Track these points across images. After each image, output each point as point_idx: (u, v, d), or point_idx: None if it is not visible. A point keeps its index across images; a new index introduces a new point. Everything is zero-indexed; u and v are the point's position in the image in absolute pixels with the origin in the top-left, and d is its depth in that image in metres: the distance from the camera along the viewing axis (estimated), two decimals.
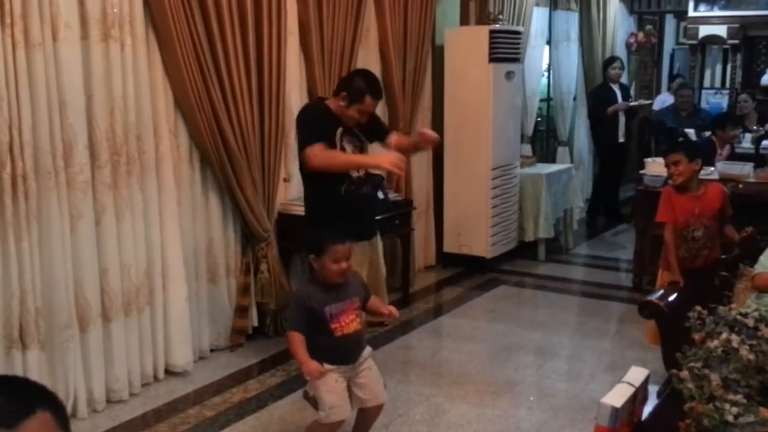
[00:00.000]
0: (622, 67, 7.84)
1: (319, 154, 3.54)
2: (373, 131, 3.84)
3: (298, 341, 3.01)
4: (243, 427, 3.58)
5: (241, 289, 4.49)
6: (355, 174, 3.70)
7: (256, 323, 4.59)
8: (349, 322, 3.08)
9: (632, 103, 7.79)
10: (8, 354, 3.30)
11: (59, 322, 3.47)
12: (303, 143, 3.60)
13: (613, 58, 7.94)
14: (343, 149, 3.66)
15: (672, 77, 9.67)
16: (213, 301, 4.42)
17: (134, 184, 3.81)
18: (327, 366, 3.02)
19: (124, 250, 3.79)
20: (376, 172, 3.84)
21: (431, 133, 3.91)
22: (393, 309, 3.27)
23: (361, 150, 3.78)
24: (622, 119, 7.59)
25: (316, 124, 3.62)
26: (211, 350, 4.42)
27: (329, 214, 3.64)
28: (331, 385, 3.05)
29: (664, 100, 8.73)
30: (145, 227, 3.91)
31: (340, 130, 3.65)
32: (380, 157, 3.68)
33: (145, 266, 3.92)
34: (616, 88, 7.64)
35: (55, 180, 3.41)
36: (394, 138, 3.86)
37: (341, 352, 3.08)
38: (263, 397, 3.88)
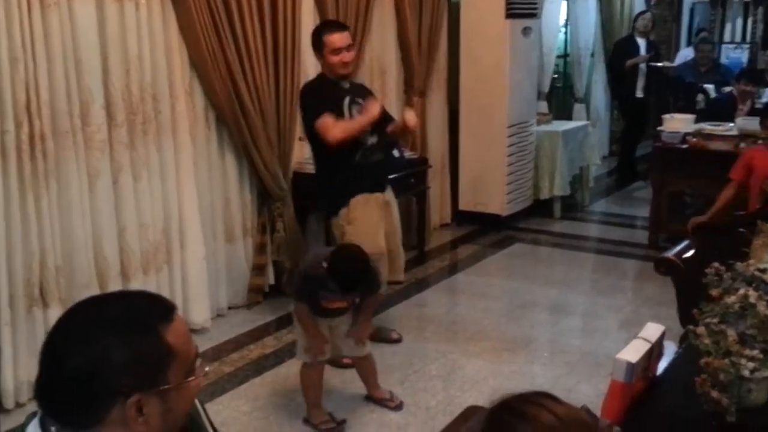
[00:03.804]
0: (651, 19, 7.67)
1: (333, 127, 3.56)
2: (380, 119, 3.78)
3: (302, 311, 3.13)
4: (261, 383, 3.64)
5: (257, 247, 4.53)
6: (370, 141, 3.72)
7: (272, 281, 4.63)
8: (337, 305, 3.15)
9: (658, 64, 7.61)
10: (29, 312, 3.36)
11: (79, 281, 3.52)
12: (310, 120, 3.64)
13: (643, 11, 7.78)
14: (353, 117, 3.68)
15: (697, 32, 9.49)
16: (230, 259, 4.46)
17: (151, 143, 3.83)
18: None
19: (141, 209, 3.82)
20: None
21: (412, 119, 3.75)
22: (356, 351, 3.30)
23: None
24: (642, 75, 7.45)
25: (316, 99, 3.65)
26: (229, 308, 4.47)
27: (342, 180, 3.70)
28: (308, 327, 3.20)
29: (686, 54, 8.56)
30: (162, 187, 3.94)
31: (347, 100, 3.68)
32: (367, 114, 3.63)
33: (163, 225, 3.96)
34: (641, 41, 7.46)
35: (72, 139, 3.43)
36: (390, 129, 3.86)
37: (323, 314, 3.18)
38: (281, 354, 3.93)
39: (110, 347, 1.15)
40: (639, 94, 7.48)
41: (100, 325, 1.18)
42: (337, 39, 3.64)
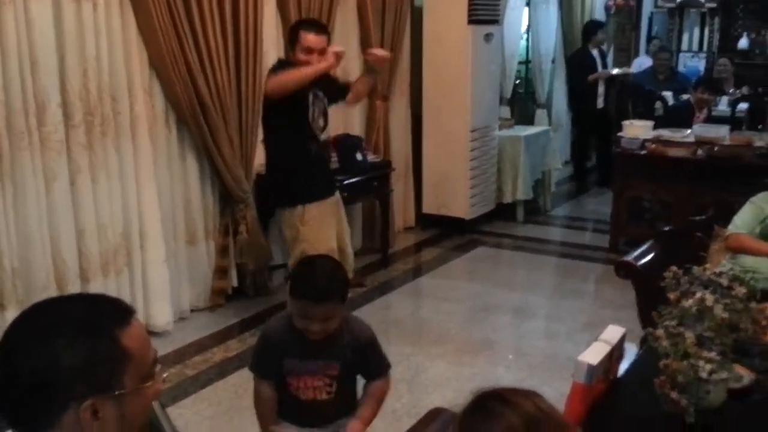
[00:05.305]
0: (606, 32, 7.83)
1: (272, 80, 3.54)
2: (334, 93, 3.86)
3: (263, 399, 2.29)
4: (224, 386, 3.60)
5: (220, 250, 4.49)
6: (322, 137, 3.79)
7: (235, 284, 4.60)
8: (311, 387, 2.25)
9: (614, 72, 7.77)
10: None
11: (37, 283, 3.45)
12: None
13: (601, 23, 7.89)
14: (314, 111, 3.71)
15: (649, 39, 9.67)
16: (192, 262, 4.41)
17: (109, 144, 3.77)
18: (285, 426, 2.31)
19: (100, 211, 3.76)
20: (355, 134, 3.84)
21: (379, 51, 3.87)
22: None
23: (324, 112, 3.81)
24: (601, 85, 7.58)
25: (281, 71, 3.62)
26: (191, 310, 4.42)
27: (299, 175, 3.70)
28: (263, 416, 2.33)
29: (641, 62, 8.72)
30: (122, 188, 3.88)
31: (311, 94, 3.67)
32: (321, 64, 3.56)
33: (122, 227, 3.90)
34: (595, 53, 7.60)
35: (28, 140, 3.36)
36: (354, 89, 3.93)
37: (299, 415, 2.30)
38: (244, 357, 3.88)
39: (63, 350, 1.13)
40: (600, 104, 7.61)
41: (54, 328, 1.16)
42: (313, 40, 3.56)
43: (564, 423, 1.22)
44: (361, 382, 2.37)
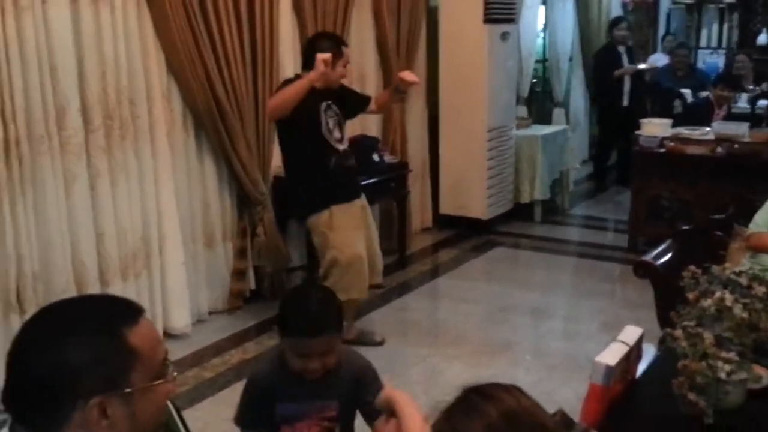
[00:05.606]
0: (628, 28, 7.69)
1: (269, 102, 3.65)
2: (352, 105, 3.90)
3: None
4: (241, 389, 3.61)
5: (238, 252, 4.51)
6: (341, 147, 3.77)
7: (253, 286, 4.62)
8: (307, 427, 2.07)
9: (640, 66, 7.66)
10: (6, 318, 3.32)
11: (57, 286, 3.48)
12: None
13: (619, 19, 7.81)
14: (327, 123, 3.71)
15: (663, 37, 9.59)
16: (210, 264, 4.43)
17: (128, 148, 3.80)
18: None
19: (119, 214, 3.79)
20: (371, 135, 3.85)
21: (409, 76, 3.89)
22: None
23: (340, 123, 3.80)
24: (627, 83, 7.49)
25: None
26: (210, 313, 4.44)
27: (319, 184, 3.72)
28: None
29: (656, 59, 8.66)
30: (141, 192, 3.91)
31: (323, 105, 3.68)
32: (311, 74, 3.55)
33: (141, 231, 3.93)
34: (622, 50, 7.50)
35: (48, 144, 3.40)
36: (374, 102, 4.01)
37: None
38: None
39: (70, 349, 1.15)
40: (625, 102, 7.51)
41: (61, 328, 1.18)
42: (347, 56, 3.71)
43: (543, 419, 1.21)
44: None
